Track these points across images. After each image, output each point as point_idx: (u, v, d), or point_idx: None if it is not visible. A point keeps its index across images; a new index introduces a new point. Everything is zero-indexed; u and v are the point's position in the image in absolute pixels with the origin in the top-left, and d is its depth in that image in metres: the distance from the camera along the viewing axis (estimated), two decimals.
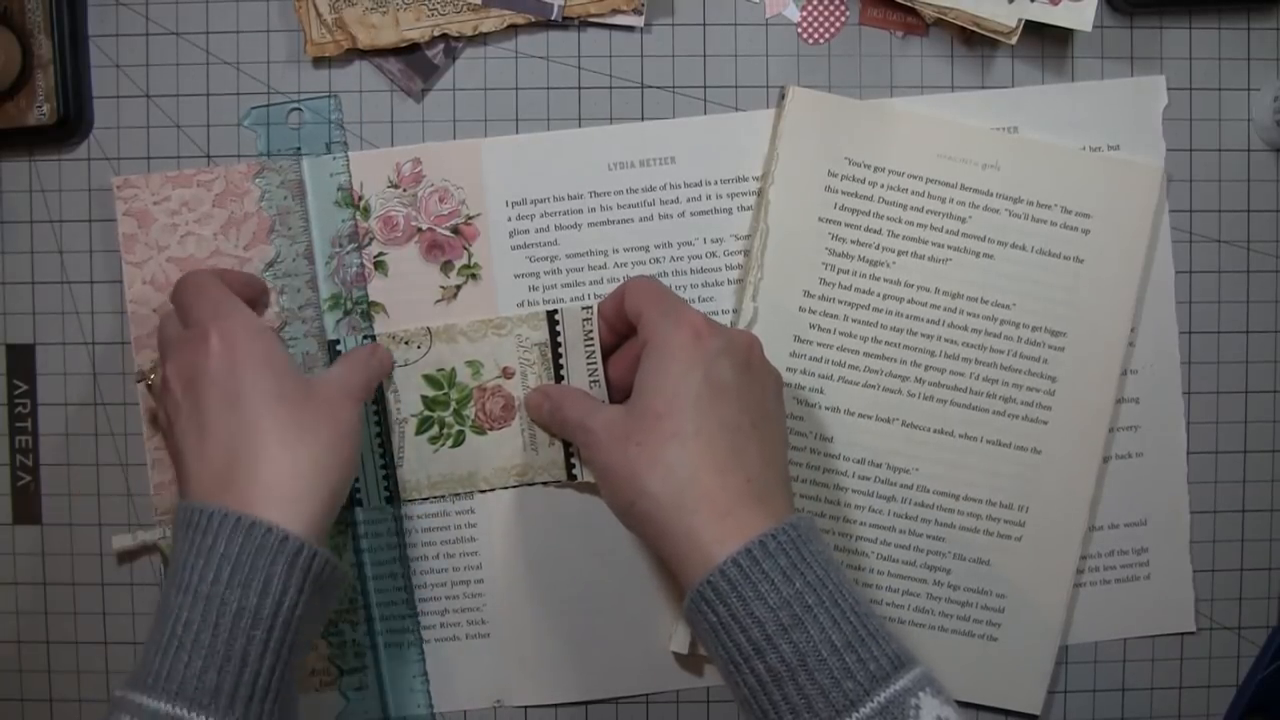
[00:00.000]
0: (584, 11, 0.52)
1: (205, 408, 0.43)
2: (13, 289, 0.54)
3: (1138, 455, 0.54)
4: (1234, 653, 0.55)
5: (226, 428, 0.42)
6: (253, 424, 0.42)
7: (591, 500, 0.53)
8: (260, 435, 0.42)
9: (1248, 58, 0.54)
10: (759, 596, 0.40)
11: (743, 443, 0.44)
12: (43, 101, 0.52)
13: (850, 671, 0.39)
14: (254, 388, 0.43)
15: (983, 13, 0.51)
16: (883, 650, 0.39)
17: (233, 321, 0.44)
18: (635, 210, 0.53)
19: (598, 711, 0.54)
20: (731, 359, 0.45)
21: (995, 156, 0.53)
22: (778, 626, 0.39)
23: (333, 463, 0.44)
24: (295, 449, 0.43)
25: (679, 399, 0.44)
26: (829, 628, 0.39)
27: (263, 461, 0.42)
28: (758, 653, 0.40)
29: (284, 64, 0.53)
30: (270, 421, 0.43)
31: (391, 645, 0.54)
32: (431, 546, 0.53)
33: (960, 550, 0.53)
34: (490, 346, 0.53)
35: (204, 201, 0.53)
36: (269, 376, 0.43)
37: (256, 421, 0.42)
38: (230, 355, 0.43)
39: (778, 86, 0.53)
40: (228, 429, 0.42)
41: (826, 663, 0.39)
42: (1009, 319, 0.53)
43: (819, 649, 0.39)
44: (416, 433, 0.53)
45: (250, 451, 0.42)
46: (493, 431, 0.53)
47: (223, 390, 0.43)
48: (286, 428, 0.43)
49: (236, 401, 0.43)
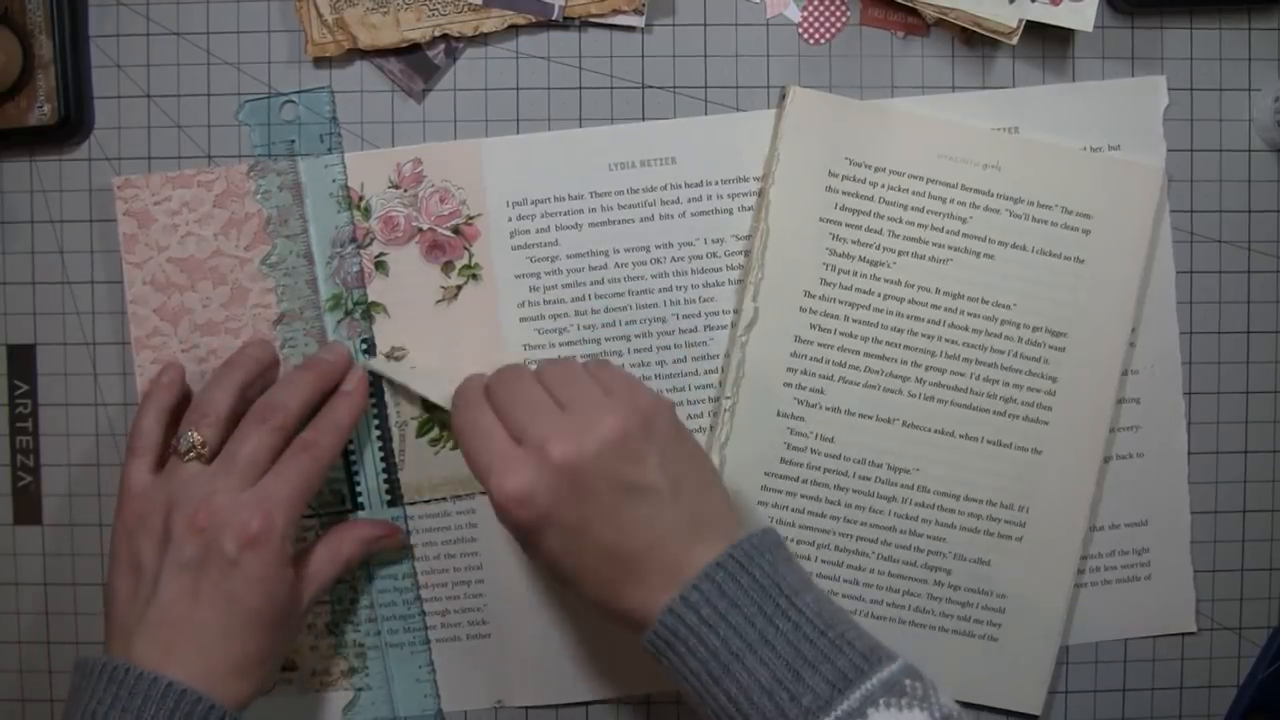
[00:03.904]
0: (585, 12, 0.52)
1: (203, 586, 0.44)
2: (13, 289, 0.54)
3: (1138, 456, 0.54)
4: (1235, 653, 0.55)
5: (213, 616, 0.44)
6: (234, 632, 0.44)
7: None
8: (233, 641, 0.44)
9: (1249, 58, 0.54)
10: (689, 651, 0.40)
11: (634, 535, 0.42)
12: (43, 102, 0.52)
13: (783, 710, 0.39)
14: (250, 603, 0.45)
15: (983, 13, 0.51)
16: (823, 676, 0.39)
17: (263, 519, 0.45)
18: (636, 210, 0.53)
19: (598, 712, 0.54)
20: (563, 498, 0.42)
21: (996, 157, 0.53)
22: (709, 678, 0.40)
23: (278, 650, 0.47)
24: (249, 648, 0.45)
25: (554, 563, 0.44)
26: (756, 669, 0.39)
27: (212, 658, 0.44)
28: (701, 700, 0.41)
29: (284, 64, 0.53)
30: (249, 634, 0.45)
31: (395, 645, 0.54)
32: (432, 547, 0.53)
33: (961, 550, 0.53)
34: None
35: (204, 202, 0.53)
36: (266, 596, 0.45)
37: (237, 630, 0.44)
38: (248, 563, 0.44)
39: (778, 87, 0.53)
40: (213, 618, 0.44)
41: (758, 706, 0.39)
42: (1009, 319, 0.53)
43: (749, 694, 0.39)
44: (417, 435, 0.53)
45: (208, 647, 0.44)
46: None
47: (227, 587, 0.44)
48: (259, 640, 0.45)
49: (233, 604, 0.44)
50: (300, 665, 0.54)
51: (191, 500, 0.45)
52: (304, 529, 0.53)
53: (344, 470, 0.53)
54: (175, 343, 0.53)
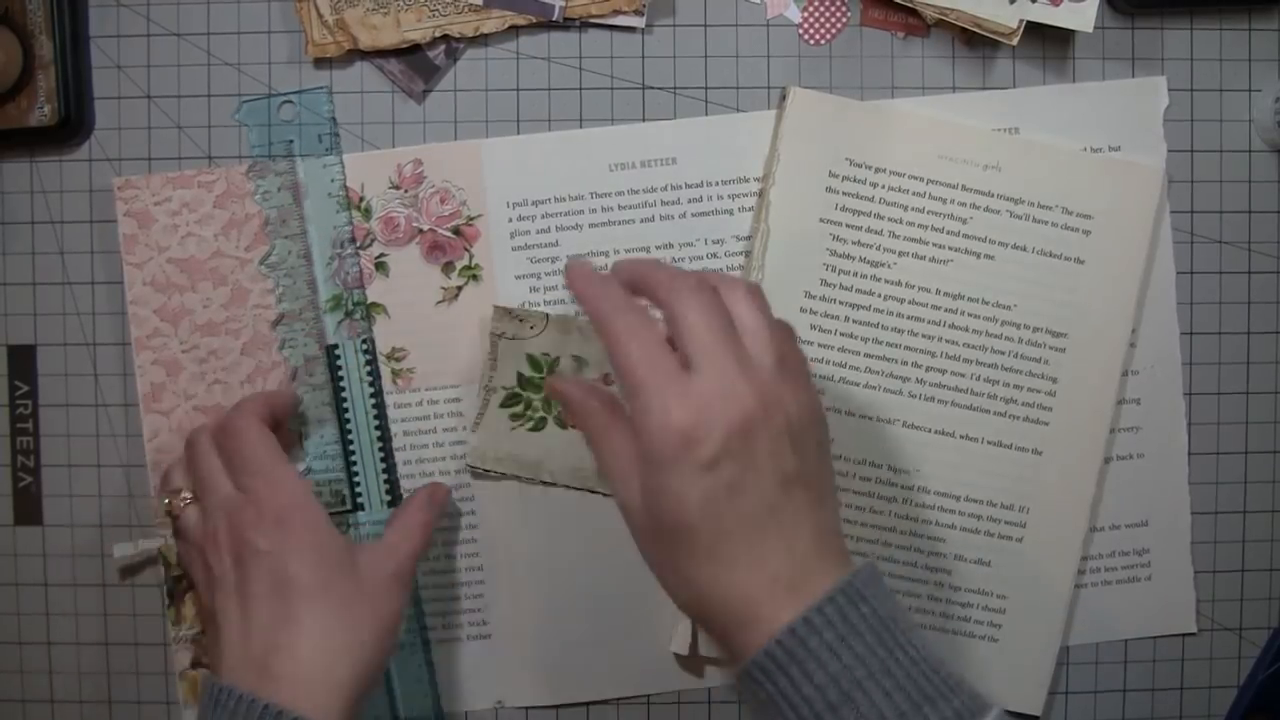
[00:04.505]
0: (585, 12, 0.52)
1: (251, 590, 0.43)
2: (14, 290, 0.54)
3: (1139, 456, 0.54)
4: (1235, 654, 0.55)
5: (270, 614, 0.43)
6: (297, 616, 0.43)
7: (593, 501, 0.53)
8: (303, 628, 0.43)
9: (1249, 59, 0.54)
10: (805, 675, 0.38)
11: (773, 523, 0.40)
12: (44, 102, 0.52)
13: None
14: (302, 576, 0.44)
15: (984, 13, 0.51)
16: (941, 714, 0.37)
17: (285, 496, 0.45)
18: (636, 211, 0.53)
19: (598, 712, 0.54)
20: (734, 451, 0.39)
21: (996, 157, 0.53)
22: (825, 706, 0.37)
23: (373, 655, 0.45)
24: (336, 643, 0.43)
25: (684, 513, 0.39)
26: (879, 700, 0.37)
27: (302, 654, 0.43)
28: None
29: (285, 65, 0.53)
30: (315, 615, 0.43)
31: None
32: (432, 547, 0.53)
33: (961, 551, 0.53)
34: (601, 349, 0.52)
35: (205, 202, 0.53)
36: (318, 564, 0.44)
37: (301, 614, 0.43)
38: (283, 538, 0.44)
39: (779, 87, 0.53)
40: (271, 615, 0.43)
41: None
42: (1010, 320, 0.53)
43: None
44: (501, 405, 0.53)
45: (291, 643, 0.43)
46: (573, 430, 0.53)
47: (271, 574, 0.44)
48: (331, 621, 0.44)
49: (285, 589, 0.43)
50: None
51: (205, 532, 0.45)
52: None
53: (344, 470, 0.53)
54: (176, 343, 0.53)
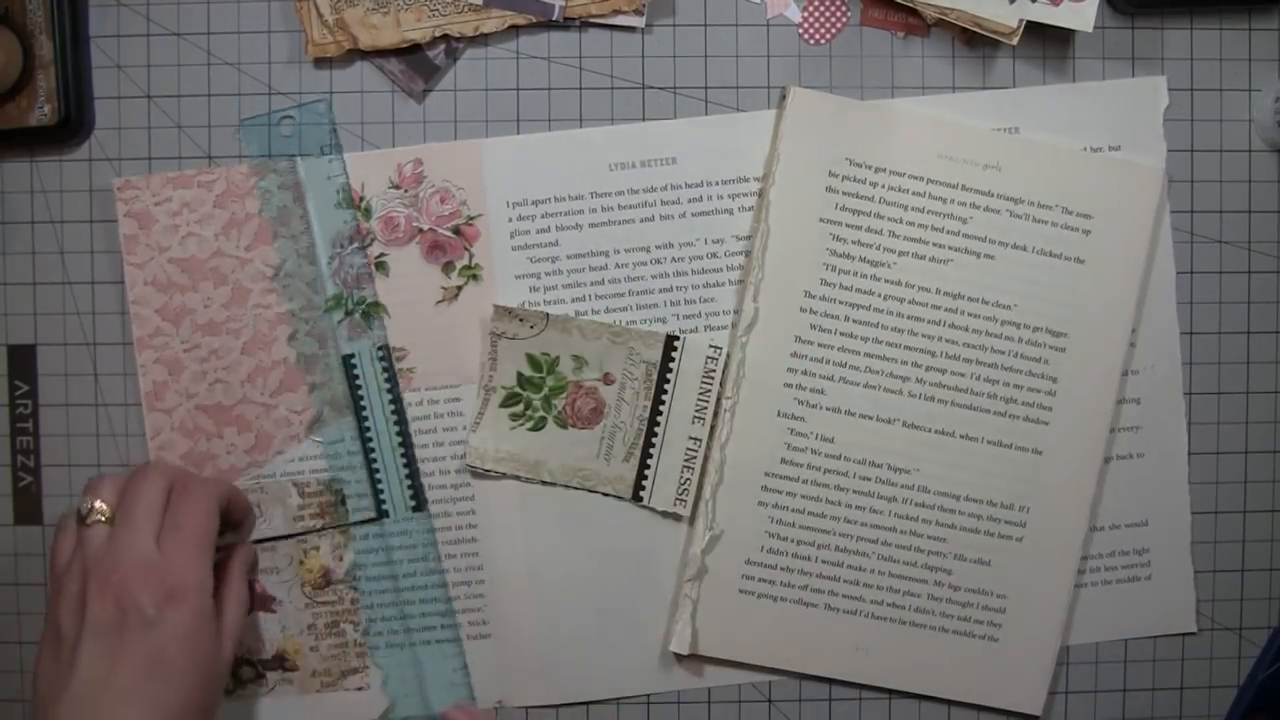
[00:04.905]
0: (585, 12, 0.52)
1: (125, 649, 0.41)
2: (14, 290, 0.54)
3: (1139, 456, 0.54)
4: (1235, 653, 0.55)
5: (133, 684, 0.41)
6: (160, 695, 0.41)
7: (593, 501, 0.53)
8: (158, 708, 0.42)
9: (1249, 58, 0.54)
10: None
11: None
12: (44, 102, 0.52)
13: None
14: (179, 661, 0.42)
15: (984, 13, 0.51)
16: None
17: (191, 579, 0.43)
18: (636, 211, 0.53)
19: (598, 712, 0.54)
20: None
21: (996, 157, 0.53)
22: None
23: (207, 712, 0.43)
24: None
25: None
26: None
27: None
28: None
29: (285, 65, 0.53)
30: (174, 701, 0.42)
31: (395, 646, 0.54)
32: (432, 547, 0.53)
33: (961, 551, 0.53)
34: (601, 349, 0.52)
35: (205, 202, 0.53)
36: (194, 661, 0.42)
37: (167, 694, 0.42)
38: (170, 615, 0.42)
39: (779, 87, 0.53)
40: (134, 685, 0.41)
41: None
42: (1010, 319, 0.53)
43: None
44: (501, 405, 0.53)
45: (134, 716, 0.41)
46: (574, 429, 0.53)
47: (148, 647, 0.42)
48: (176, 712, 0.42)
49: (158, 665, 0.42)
50: (300, 665, 0.54)
51: (101, 563, 0.42)
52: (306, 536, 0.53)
53: (367, 478, 0.53)
54: (177, 343, 0.53)
